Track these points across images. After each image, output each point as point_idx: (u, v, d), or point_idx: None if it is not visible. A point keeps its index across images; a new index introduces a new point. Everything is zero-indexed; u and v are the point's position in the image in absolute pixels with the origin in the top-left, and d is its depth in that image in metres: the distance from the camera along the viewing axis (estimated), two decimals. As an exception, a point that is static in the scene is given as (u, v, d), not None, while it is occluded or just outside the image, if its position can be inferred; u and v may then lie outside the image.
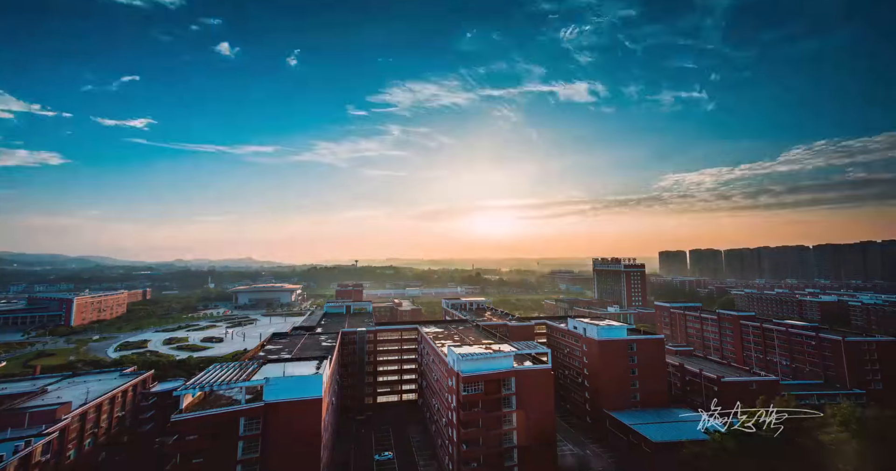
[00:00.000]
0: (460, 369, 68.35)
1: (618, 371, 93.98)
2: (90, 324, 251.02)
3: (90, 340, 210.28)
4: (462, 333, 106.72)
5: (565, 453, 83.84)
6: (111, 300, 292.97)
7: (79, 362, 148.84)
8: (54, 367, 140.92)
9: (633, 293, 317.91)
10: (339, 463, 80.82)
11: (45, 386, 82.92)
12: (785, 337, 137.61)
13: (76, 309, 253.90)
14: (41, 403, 71.73)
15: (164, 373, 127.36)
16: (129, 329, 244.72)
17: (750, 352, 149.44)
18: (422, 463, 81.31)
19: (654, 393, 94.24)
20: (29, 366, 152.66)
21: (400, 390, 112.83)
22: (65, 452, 65.85)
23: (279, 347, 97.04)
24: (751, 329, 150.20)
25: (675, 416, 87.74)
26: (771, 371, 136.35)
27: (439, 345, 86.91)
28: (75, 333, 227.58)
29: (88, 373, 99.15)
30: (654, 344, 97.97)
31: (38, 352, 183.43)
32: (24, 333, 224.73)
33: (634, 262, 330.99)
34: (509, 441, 69.73)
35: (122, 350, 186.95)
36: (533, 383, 72.01)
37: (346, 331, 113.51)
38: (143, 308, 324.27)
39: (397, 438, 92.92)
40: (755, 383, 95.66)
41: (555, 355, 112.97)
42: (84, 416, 71.38)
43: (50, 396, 77.69)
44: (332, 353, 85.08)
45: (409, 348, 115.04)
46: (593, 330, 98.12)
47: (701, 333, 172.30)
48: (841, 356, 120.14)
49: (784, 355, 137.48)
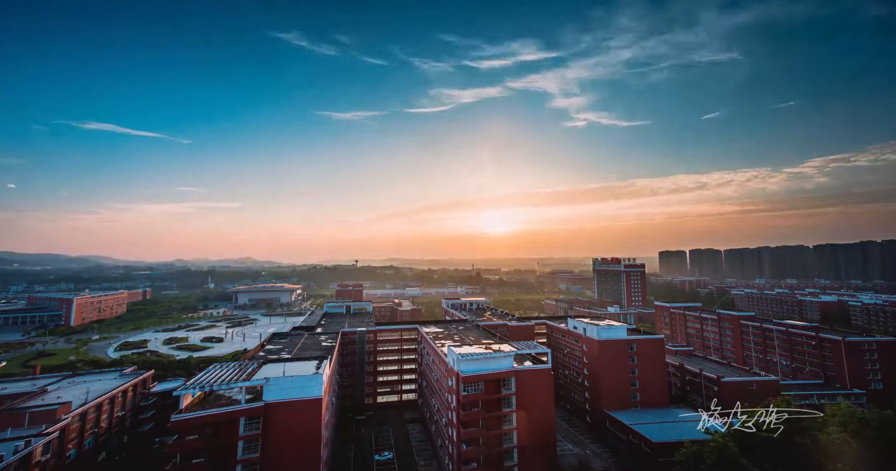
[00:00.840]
0: (460, 368, 68.37)
1: (618, 371, 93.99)
2: (90, 324, 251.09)
3: (90, 340, 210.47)
4: (462, 333, 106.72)
5: (565, 453, 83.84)
6: (111, 300, 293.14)
7: (79, 362, 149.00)
8: (54, 367, 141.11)
9: (633, 293, 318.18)
10: (339, 463, 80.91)
11: (45, 386, 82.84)
12: (785, 337, 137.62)
13: (76, 309, 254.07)
14: (41, 403, 71.66)
15: (164, 373, 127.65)
16: (128, 329, 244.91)
17: (750, 352, 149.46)
18: (422, 463, 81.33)
19: (654, 393, 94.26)
20: (29, 366, 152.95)
21: (400, 390, 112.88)
22: (65, 452, 65.81)
23: (279, 347, 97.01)
24: (751, 329, 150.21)
25: (676, 416, 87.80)
26: (771, 371, 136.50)
27: (439, 345, 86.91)
28: (75, 333, 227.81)
29: (88, 373, 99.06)
30: (654, 344, 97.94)
31: (38, 352, 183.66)
32: (24, 332, 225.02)
33: (634, 262, 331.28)
34: (509, 441, 69.72)
35: (122, 350, 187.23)
36: (533, 383, 71.99)
37: (346, 331, 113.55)
38: (143, 308, 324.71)
39: (397, 438, 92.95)
40: (755, 383, 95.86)
41: (555, 355, 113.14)
42: (84, 416, 71.30)
43: (50, 396, 77.62)
44: (331, 353, 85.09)
45: (409, 348, 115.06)
46: (593, 330, 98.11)
47: (701, 334, 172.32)
48: (841, 356, 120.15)
49: (784, 355, 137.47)
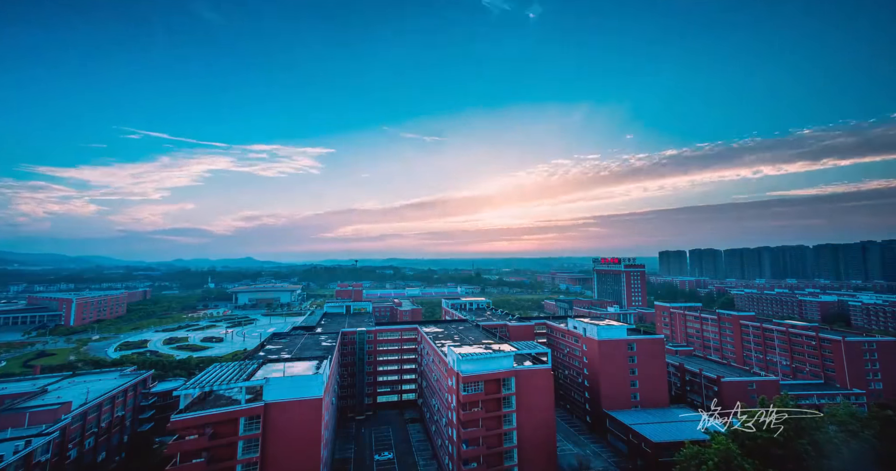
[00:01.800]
0: (460, 368, 68.41)
1: (618, 371, 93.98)
2: (90, 324, 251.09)
3: (90, 340, 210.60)
4: (462, 333, 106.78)
5: (565, 453, 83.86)
6: (111, 300, 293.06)
7: (79, 362, 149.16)
8: (54, 367, 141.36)
9: (633, 293, 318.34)
10: (339, 463, 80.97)
11: (46, 386, 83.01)
12: (785, 337, 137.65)
13: (76, 309, 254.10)
14: (41, 403, 71.80)
15: (164, 373, 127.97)
16: (128, 329, 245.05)
17: (750, 352, 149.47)
18: (422, 463, 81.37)
19: (654, 393, 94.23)
20: (29, 366, 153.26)
21: (400, 390, 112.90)
22: (65, 452, 65.93)
23: (279, 346, 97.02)
24: (751, 329, 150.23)
25: (675, 416, 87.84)
26: (771, 371, 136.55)
27: (439, 345, 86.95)
28: (75, 333, 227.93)
29: (89, 373, 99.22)
30: (654, 344, 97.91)
31: (39, 352, 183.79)
32: (23, 333, 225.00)
33: (634, 262, 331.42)
34: (509, 441, 69.76)
35: (122, 350, 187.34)
36: (533, 383, 72.03)
37: (346, 331, 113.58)
38: (143, 308, 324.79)
39: (397, 438, 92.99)
40: (755, 383, 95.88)
41: (555, 355, 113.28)
42: (84, 416, 71.43)
43: (50, 396, 77.75)
44: (332, 353, 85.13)
45: (409, 348, 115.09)
46: (593, 330, 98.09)
47: (701, 334, 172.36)
48: (841, 356, 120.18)
49: (784, 355, 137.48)
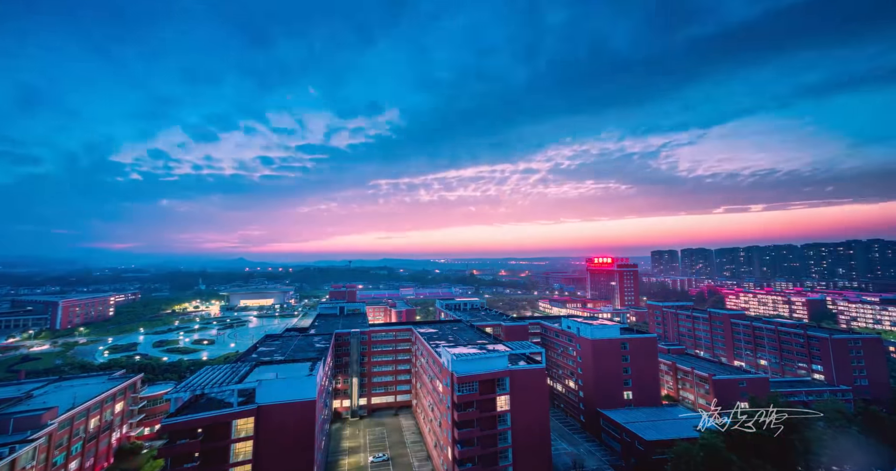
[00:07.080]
0: (455, 369, 68.27)
1: (611, 370, 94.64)
2: (77, 327, 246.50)
3: (77, 344, 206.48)
4: (456, 333, 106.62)
5: (559, 452, 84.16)
6: (99, 302, 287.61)
7: (66, 366, 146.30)
8: (40, 371, 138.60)
9: (626, 293, 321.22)
10: (333, 465, 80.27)
11: (31, 391, 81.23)
12: (774, 335, 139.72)
13: (62, 312, 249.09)
14: (27, 408, 70.16)
15: (154, 376, 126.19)
16: (117, 332, 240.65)
17: (740, 350, 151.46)
18: (416, 464, 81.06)
19: (647, 392, 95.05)
20: (13, 371, 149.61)
21: (394, 391, 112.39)
22: (51, 458, 64.48)
23: (272, 348, 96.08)
24: (741, 327, 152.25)
25: (668, 414, 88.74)
26: (761, 369, 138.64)
27: (434, 345, 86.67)
28: (61, 337, 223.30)
29: (76, 377, 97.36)
30: (647, 343, 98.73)
31: (23, 356, 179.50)
32: (7, 336, 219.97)
33: (627, 262, 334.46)
34: (504, 441, 69.74)
35: (110, 353, 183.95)
36: (527, 383, 72.09)
37: (340, 332, 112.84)
38: (133, 310, 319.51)
39: (392, 438, 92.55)
40: (746, 380, 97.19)
41: (549, 355, 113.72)
42: (71, 421, 69.93)
43: (35, 401, 76.11)
44: (325, 354, 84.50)
45: (404, 349, 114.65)
46: (586, 329, 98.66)
47: (692, 332, 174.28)
48: (828, 353, 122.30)
49: (773, 353, 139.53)
